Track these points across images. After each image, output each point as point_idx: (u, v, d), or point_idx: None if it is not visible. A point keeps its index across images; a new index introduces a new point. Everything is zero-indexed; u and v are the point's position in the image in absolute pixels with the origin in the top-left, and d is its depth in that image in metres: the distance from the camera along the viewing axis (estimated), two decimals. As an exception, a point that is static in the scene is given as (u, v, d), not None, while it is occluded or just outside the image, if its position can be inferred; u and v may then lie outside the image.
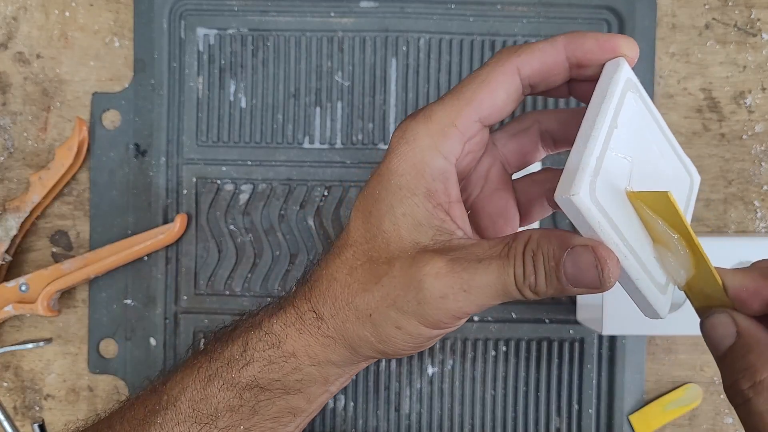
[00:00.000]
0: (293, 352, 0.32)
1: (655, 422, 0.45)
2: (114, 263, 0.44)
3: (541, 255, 0.27)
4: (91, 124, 0.46)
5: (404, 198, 0.29)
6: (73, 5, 0.46)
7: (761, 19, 0.46)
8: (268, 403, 0.32)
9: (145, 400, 0.34)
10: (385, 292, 0.29)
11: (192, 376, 0.33)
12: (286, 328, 0.32)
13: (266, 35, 0.46)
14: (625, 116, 0.27)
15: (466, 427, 0.45)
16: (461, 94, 0.29)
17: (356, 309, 0.30)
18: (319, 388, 0.33)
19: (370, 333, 0.30)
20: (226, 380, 0.32)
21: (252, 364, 0.32)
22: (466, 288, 0.27)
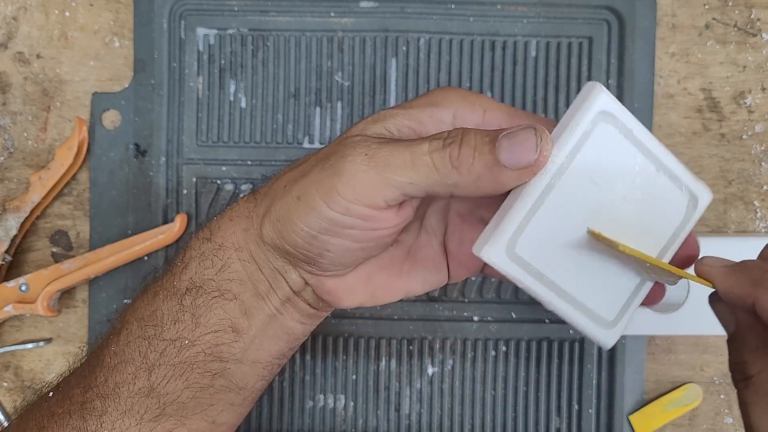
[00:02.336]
0: (221, 243, 0.31)
1: (655, 422, 0.45)
2: (114, 263, 0.44)
3: (473, 132, 0.26)
4: (91, 124, 0.46)
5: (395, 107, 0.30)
6: (73, 5, 0.46)
7: (761, 19, 0.46)
8: (206, 309, 0.31)
9: (102, 335, 0.34)
10: (304, 166, 0.29)
11: (141, 297, 0.33)
12: (221, 218, 0.31)
13: (266, 35, 0.46)
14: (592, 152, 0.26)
15: (466, 427, 0.45)
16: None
17: (280, 183, 0.30)
18: (253, 300, 0.32)
19: (278, 206, 0.29)
20: (168, 289, 0.32)
21: (190, 265, 0.31)
22: (369, 153, 0.27)
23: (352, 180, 0.27)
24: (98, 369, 0.32)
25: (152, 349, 0.31)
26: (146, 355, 0.31)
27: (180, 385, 0.31)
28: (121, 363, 0.31)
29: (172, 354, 0.31)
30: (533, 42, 0.45)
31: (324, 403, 0.45)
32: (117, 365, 0.31)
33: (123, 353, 0.31)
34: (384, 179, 0.27)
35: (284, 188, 0.29)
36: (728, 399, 0.46)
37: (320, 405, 0.45)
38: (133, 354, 0.31)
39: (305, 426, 0.45)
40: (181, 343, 0.31)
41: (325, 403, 0.45)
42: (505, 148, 0.26)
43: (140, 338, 0.31)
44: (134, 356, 0.31)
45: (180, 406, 0.31)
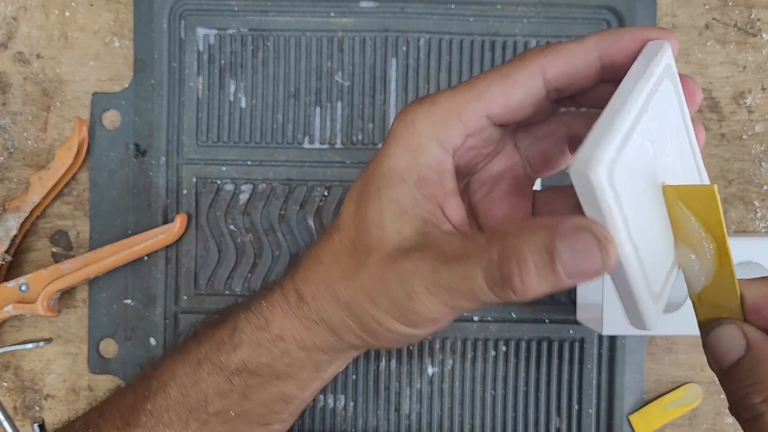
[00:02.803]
0: (280, 335, 0.31)
1: (655, 422, 0.45)
2: (114, 263, 0.44)
3: (527, 247, 0.23)
4: (91, 124, 0.46)
5: (394, 183, 0.27)
6: (73, 5, 0.46)
7: (761, 19, 0.46)
8: (259, 388, 0.31)
9: (135, 386, 0.33)
10: (361, 284, 0.28)
11: (182, 361, 0.32)
12: (273, 309, 0.31)
13: (266, 35, 0.46)
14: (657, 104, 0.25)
15: (466, 427, 0.45)
16: (474, 86, 0.27)
17: (336, 295, 0.29)
18: (310, 375, 0.32)
19: (350, 319, 0.29)
20: (215, 364, 0.31)
21: (241, 348, 0.31)
22: (431, 289, 0.26)
23: (423, 308, 0.26)
24: (133, 428, 0.32)
25: (194, 418, 0.31)
26: (187, 423, 0.31)
27: None
28: (159, 425, 0.31)
29: (216, 423, 0.31)
30: (533, 42, 0.45)
31: (324, 403, 0.45)
32: (155, 426, 0.31)
33: (161, 416, 0.31)
34: (448, 305, 0.26)
35: (346, 306, 0.29)
36: (728, 399, 0.46)
37: (320, 405, 0.45)
38: (172, 419, 0.31)
39: (305, 426, 0.45)
40: (226, 416, 0.31)
41: (325, 403, 0.45)
42: (568, 264, 0.23)
43: (181, 405, 0.31)
44: (173, 421, 0.31)
45: None
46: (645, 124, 0.24)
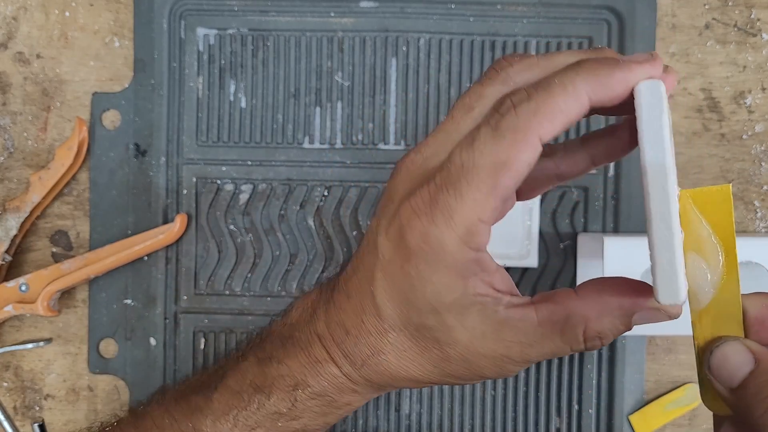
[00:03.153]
0: (349, 402, 0.32)
1: (655, 422, 0.45)
2: (114, 263, 0.44)
3: (609, 333, 0.28)
4: (91, 124, 0.46)
5: (460, 312, 0.27)
6: (73, 5, 0.46)
7: (761, 19, 0.46)
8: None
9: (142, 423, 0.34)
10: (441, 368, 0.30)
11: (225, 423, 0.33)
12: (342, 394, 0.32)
13: (266, 35, 0.46)
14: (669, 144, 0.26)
15: (466, 427, 0.45)
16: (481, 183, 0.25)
17: (414, 380, 0.31)
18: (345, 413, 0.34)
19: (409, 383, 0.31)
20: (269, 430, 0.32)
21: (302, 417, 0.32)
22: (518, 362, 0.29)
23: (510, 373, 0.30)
24: None
25: None
26: None
27: None
28: None
29: None
30: (533, 42, 0.45)
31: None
32: None
33: None
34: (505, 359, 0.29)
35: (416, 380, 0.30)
36: (728, 399, 0.46)
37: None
38: None
39: (305, 426, 0.45)
40: None
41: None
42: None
43: None
44: None
45: None
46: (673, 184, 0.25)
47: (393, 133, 0.46)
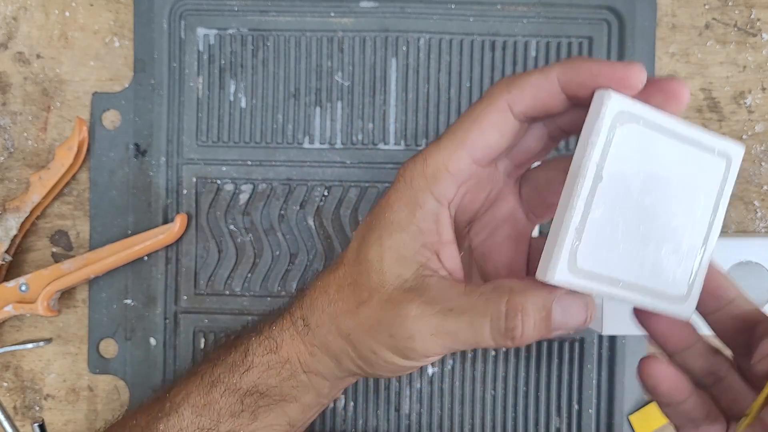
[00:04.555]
0: (288, 358, 0.33)
1: (655, 422, 0.45)
2: (114, 263, 0.44)
3: (531, 305, 0.27)
4: (91, 124, 0.46)
5: (393, 232, 0.30)
6: (73, 5, 0.46)
7: (761, 19, 0.46)
8: (267, 409, 0.33)
9: (148, 408, 0.34)
10: (362, 319, 0.30)
11: (195, 382, 0.34)
12: (282, 333, 0.33)
13: (266, 35, 0.46)
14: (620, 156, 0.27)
15: (466, 427, 0.45)
16: (454, 136, 0.29)
17: (338, 326, 0.31)
18: (313, 399, 0.34)
19: (351, 349, 0.31)
20: (228, 386, 0.33)
21: (252, 369, 0.33)
22: (434, 332, 0.28)
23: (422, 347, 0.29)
24: None
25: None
26: None
27: None
28: None
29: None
30: (533, 42, 0.45)
31: (324, 403, 0.45)
32: None
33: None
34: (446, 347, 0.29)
35: (347, 337, 0.31)
36: (728, 399, 0.46)
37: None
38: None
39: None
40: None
41: (325, 403, 0.45)
42: (559, 320, 0.28)
43: (194, 426, 0.33)
44: None
45: None
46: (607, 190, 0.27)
47: (393, 133, 0.46)
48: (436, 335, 0.28)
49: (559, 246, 0.26)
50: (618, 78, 0.26)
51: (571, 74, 0.27)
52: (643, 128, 0.27)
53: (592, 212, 0.27)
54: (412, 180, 0.29)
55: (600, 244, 0.27)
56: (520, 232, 0.32)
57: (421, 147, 0.46)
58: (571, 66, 0.27)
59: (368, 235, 0.31)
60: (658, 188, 0.28)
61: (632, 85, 0.26)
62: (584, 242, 0.27)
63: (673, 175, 0.28)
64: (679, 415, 0.30)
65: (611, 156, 0.27)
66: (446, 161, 0.29)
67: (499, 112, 0.28)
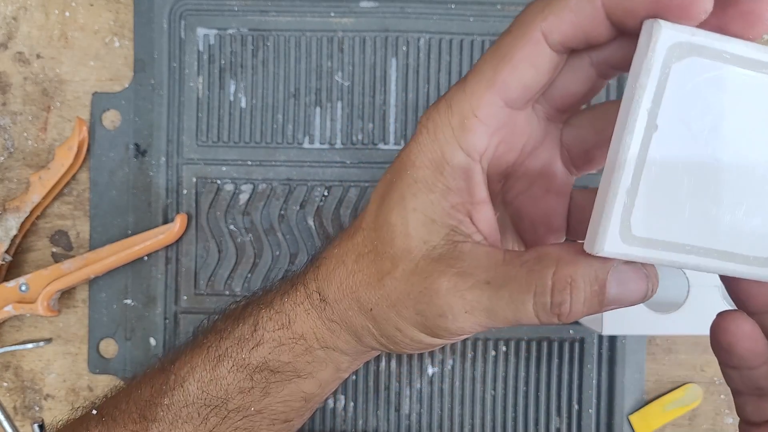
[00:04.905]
0: (302, 334, 0.30)
1: (655, 422, 0.45)
2: (114, 263, 0.44)
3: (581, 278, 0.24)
4: (91, 124, 0.46)
5: (418, 192, 0.26)
6: (73, 5, 0.46)
7: (761, 19, 0.46)
8: (279, 385, 0.31)
9: (152, 378, 0.32)
10: (386, 293, 0.27)
11: (201, 355, 0.32)
12: (295, 308, 0.30)
13: (266, 35, 0.46)
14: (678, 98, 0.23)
15: (466, 427, 0.45)
16: (482, 76, 0.25)
17: (358, 300, 0.28)
18: (331, 374, 0.31)
19: (372, 326, 0.28)
20: (236, 361, 0.31)
21: (262, 345, 0.31)
22: (469, 309, 0.25)
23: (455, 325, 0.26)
24: (150, 422, 0.31)
25: (213, 414, 0.31)
26: (207, 418, 0.31)
27: None
28: (178, 420, 0.31)
29: (235, 419, 0.31)
30: (533, 42, 0.45)
31: (324, 404, 0.45)
32: (173, 422, 0.31)
33: (179, 412, 0.31)
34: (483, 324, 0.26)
35: (371, 312, 0.28)
36: (728, 399, 0.46)
37: (320, 405, 0.45)
38: (191, 415, 0.31)
39: (305, 426, 0.45)
40: (246, 411, 0.31)
41: (325, 404, 0.45)
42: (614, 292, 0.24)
43: (200, 402, 0.31)
44: (193, 416, 0.31)
45: None
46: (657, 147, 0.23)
47: (393, 133, 0.46)
48: (470, 312, 0.25)
49: (608, 212, 0.23)
50: (676, 5, 0.21)
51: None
52: (705, 60, 0.23)
53: (647, 168, 0.23)
54: (436, 130, 0.26)
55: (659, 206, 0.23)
56: (560, 185, 0.29)
57: (421, 147, 0.46)
58: None
59: (388, 196, 0.27)
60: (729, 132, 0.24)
61: (694, 14, 0.21)
62: (638, 206, 0.23)
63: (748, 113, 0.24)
64: (746, 381, 0.26)
65: (667, 99, 0.22)
66: (474, 106, 0.25)
67: (533, 43, 0.24)
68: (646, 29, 0.22)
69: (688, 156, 0.23)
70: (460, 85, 0.25)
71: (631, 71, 0.23)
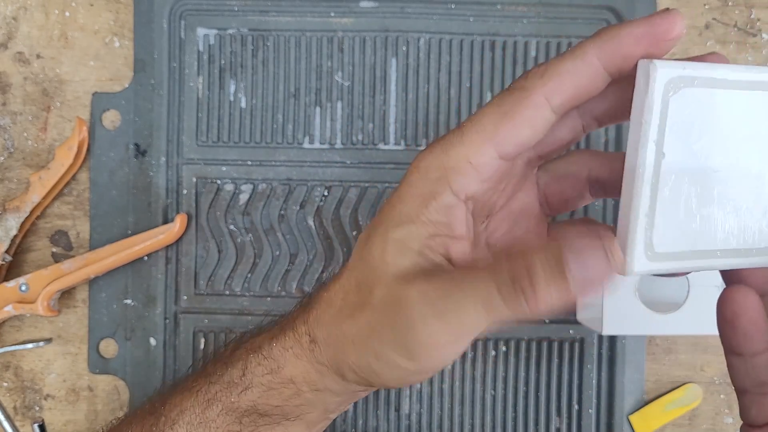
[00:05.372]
0: (291, 378, 0.31)
1: (655, 422, 0.45)
2: (114, 263, 0.44)
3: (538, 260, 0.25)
4: (91, 124, 0.46)
5: (401, 224, 0.27)
6: (73, 5, 0.46)
7: (761, 19, 0.46)
8: (268, 428, 0.31)
9: (142, 419, 0.33)
10: (366, 320, 0.28)
11: (191, 399, 0.32)
12: (285, 353, 0.31)
13: (266, 35, 0.46)
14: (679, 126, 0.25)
15: (466, 427, 0.45)
16: (482, 128, 0.26)
17: (343, 335, 0.29)
18: (319, 416, 0.32)
19: (353, 361, 0.29)
20: (225, 405, 0.31)
21: (251, 389, 0.31)
22: (439, 314, 0.26)
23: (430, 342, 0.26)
24: None
25: None
26: None
27: None
28: None
29: None
30: (533, 42, 0.45)
31: (324, 403, 0.45)
32: None
33: None
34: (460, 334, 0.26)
35: (353, 344, 0.28)
36: (728, 399, 0.46)
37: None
38: None
39: (305, 426, 0.45)
40: None
41: (325, 403, 0.45)
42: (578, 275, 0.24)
43: None
44: None
45: None
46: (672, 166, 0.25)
47: (393, 133, 0.46)
48: (439, 317, 0.26)
49: (632, 236, 0.25)
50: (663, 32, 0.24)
51: (612, 49, 0.24)
52: (698, 89, 0.25)
53: (661, 192, 0.25)
54: (428, 171, 0.27)
55: (674, 221, 0.25)
56: (539, 225, 0.30)
57: (422, 147, 0.46)
58: (609, 39, 0.24)
59: (374, 232, 0.28)
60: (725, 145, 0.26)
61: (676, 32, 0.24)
62: (657, 225, 0.25)
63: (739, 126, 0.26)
64: (749, 373, 0.26)
65: (669, 129, 0.25)
66: (470, 154, 0.26)
67: (536, 107, 0.25)
68: (642, 70, 0.25)
69: (692, 172, 0.25)
70: (457, 134, 0.27)
71: (633, 109, 0.25)
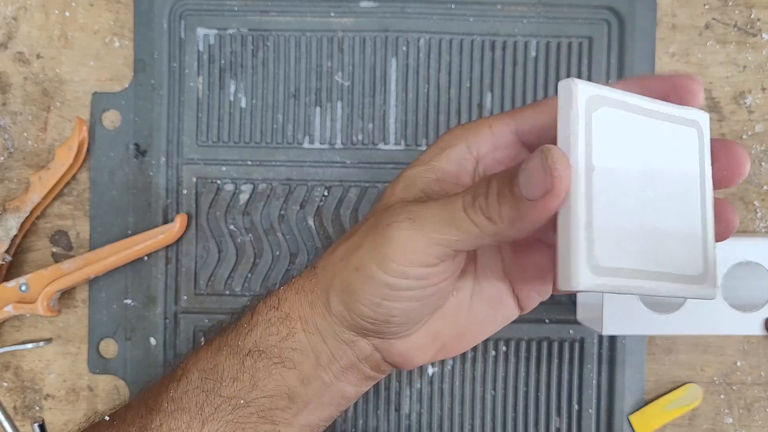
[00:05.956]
0: (288, 314, 0.32)
1: (655, 422, 0.45)
2: (114, 263, 0.44)
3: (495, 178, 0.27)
4: (91, 124, 0.46)
5: (415, 166, 0.31)
6: (73, 5, 0.46)
7: (761, 19, 0.46)
8: (265, 373, 0.32)
9: (162, 377, 0.34)
10: (356, 237, 0.30)
11: (205, 348, 0.34)
12: (288, 289, 0.33)
13: (266, 35, 0.46)
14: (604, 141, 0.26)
15: (466, 427, 0.45)
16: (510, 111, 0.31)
17: (336, 256, 0.31)
18: (311, 369, 0.32)
19: (339, 280, 0.30)
20: (232, 347, 0.33)
21: (256, 328, 0.33)
22: (412, 217, 0.28)
23: (402, 245, 0.28)
24: (155, 413, 0.32)
25: (208, 403, 0.32)
26: (202, 407, 0.32)
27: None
28: (178, 410, 0.32)
29: (227, 411, 0.32)
30: (533, 42, 0.45)
31: (324, 403, 0.45)
32: (173, 412, 0.32)
33: (180, 401, 0.32)
34: (431, 239, 0.28)
35: (341, 261, 0.31)
36: (728, 399, 0.46)
37: None
38: (189, 403, 0.32)
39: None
40: (236, 402, 0.32)
41: (325, 403, 0.45)
42: (524, 182, 0.26)
43: (199, 389, 0.32)
44: (191, 406, 0.32)
45: None
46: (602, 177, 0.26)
47: (393, 133, 0.46)
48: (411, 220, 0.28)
49: (575, 247, 0.25)
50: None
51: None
52: (615, 110, 0.27)
53: (596, 204, 0.26)
54: (453, 130, 0.32)
55: (613, 236, 0.26)
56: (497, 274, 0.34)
57: (422, 147, 0.46)
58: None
59: (395, 181, 0.32)
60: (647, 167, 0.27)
61: None
62: (597, 238, 0.26)
63: (655, 151, 0.28)
64: None
65: (596, 143, 0.26)
66: (491, 122, 0.31)
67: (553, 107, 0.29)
68: (564, 89, 0.26)
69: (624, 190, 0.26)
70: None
71: (559, 126, 0.26)
